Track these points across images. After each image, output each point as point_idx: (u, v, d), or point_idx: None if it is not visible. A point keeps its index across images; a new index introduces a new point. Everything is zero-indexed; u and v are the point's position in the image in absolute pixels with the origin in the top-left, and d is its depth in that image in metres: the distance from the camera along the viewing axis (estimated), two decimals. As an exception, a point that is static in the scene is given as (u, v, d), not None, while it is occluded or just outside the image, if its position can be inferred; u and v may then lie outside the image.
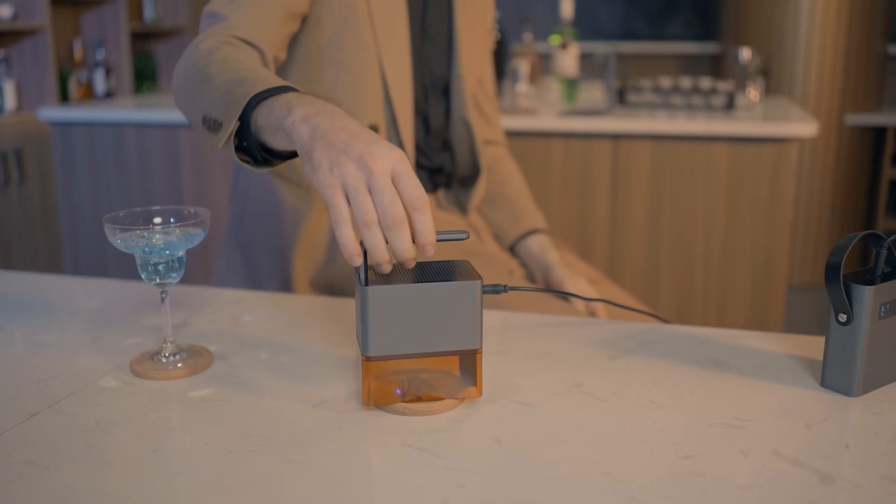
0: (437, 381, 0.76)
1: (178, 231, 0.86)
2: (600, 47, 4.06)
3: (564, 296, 1.23)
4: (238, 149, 0.89)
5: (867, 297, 0.78)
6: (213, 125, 0.88)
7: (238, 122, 0.85)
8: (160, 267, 0.86)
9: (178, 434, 0.73)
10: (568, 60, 2.33)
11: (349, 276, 1.23)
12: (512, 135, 2.10)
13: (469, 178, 1.35)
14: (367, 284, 0.71)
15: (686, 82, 2.21)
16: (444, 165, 1.32)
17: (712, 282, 2.03)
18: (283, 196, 1.25)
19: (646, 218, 2.05)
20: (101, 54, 3.99)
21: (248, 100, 0.84)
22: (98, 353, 0.92)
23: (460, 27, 1.28)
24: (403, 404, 0.76)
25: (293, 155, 0.87)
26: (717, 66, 4.15)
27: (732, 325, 2.09)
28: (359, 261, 0.71)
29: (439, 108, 1.30)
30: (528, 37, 2.38)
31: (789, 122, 1.95)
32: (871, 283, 0.79)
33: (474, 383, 0.76)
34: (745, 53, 2.21)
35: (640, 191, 2.04)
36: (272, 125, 0.81)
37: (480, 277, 0.75)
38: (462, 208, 1.35)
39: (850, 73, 3.46)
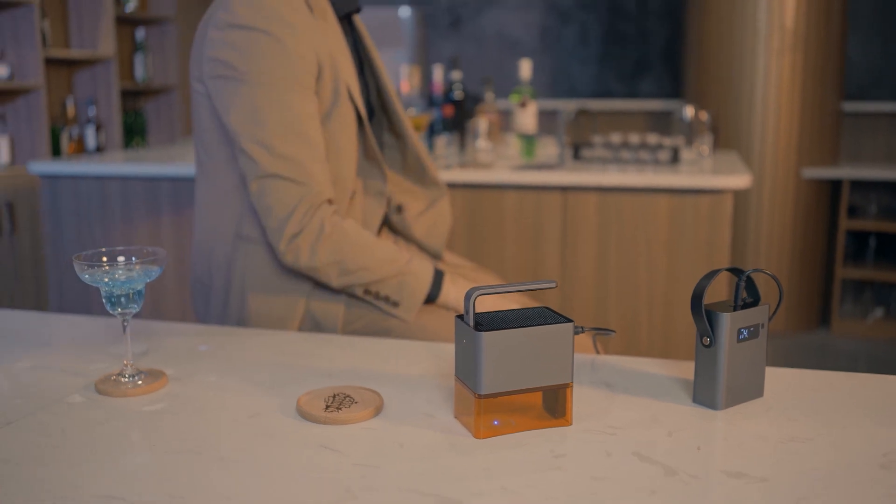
0: (527, 409, 0.88)
1: (137, 267, 1.00)
2: (571, 105, 4.25)
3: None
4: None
5: (725, 322, 0.92)
6: (383, 299, 1.36)
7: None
8: (122, 298, 0.99)
9: (131, 440, 0.86)
10: (526, 118, 2.50)
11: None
12: (469, 187, 2.25)
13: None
14: (479, 329, 0.83)
15: (634, 138, 2.38)
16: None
17: (656, 323, 2.17)
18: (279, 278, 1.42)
19: (594, 264, 2.20)
20: (92, 111, 4.16)
21: (425, 294, 1.36)
22: (67, 375, 1.04)
23: (386, 86, 1.56)
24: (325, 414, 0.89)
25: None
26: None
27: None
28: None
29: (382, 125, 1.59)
30: (489, 96, 2.55)
31: (724, 175, 2.10)
32: (730, 310, 0.92)
33: (564, 413, 0.88)
34: (689, 111, 2.37)
35: (588, 239, 2.19)
36: (421, 298, 1.36)
37: (571, 320, 0.88)
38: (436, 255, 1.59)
39: (806, 130, 3.65)
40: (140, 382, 0.99)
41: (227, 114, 1.31)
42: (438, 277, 1.39)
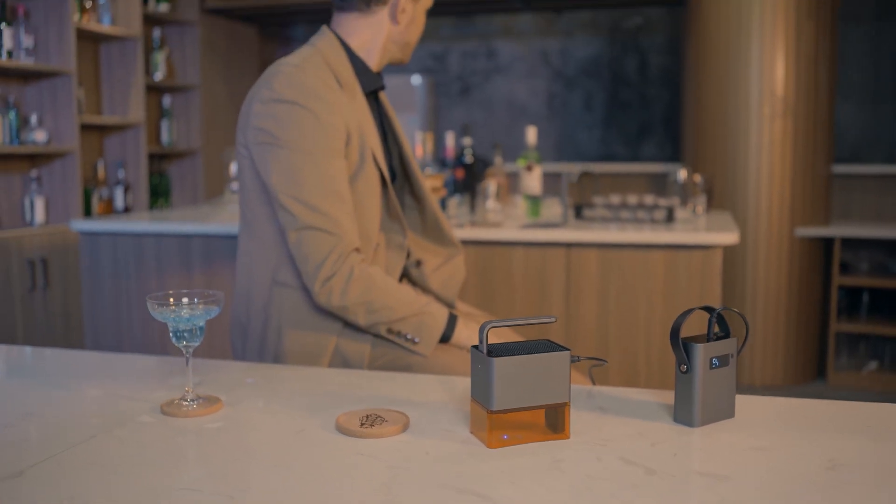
0: (531, 425, 1.04)
1: (200, 307, 1.17)
2: (575, 168, 4.47)
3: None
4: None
5: (699, 352, 1.08)
6: (404, 338, 1.54)
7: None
8: (186, 333, 1.16)
9: (197, 450, 1.02)
10: (532, 180, 2.70)
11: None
12: (480, 244, 2.44)
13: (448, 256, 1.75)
14: (491, 356, 1.01)
15: (633, 199, 2.56)
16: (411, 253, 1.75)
17: (654, 368, 2.32)
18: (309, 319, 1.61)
19: (595, 315, 2.36)
20: (121, 173, 4.39)
21: (441, 332, 1.55)
22: (134, 401, 1.21)
23: (407, 149, 1.77)
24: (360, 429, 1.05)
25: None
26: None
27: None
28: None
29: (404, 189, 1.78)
30: (498, 161, 2.75)
31: (714, 232, 2.29)
32: (703, 342, 1.09)
33: (563, 429, 1.04)
34: (682, 174, 2.56)
35: (590, 291, 2.36)
36: (437, 336, 1.55)
37: (569, 349, 1.05)
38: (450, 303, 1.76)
39: (798, 191, 3.84)
40: (199, 406, 1.16)
41: (269, 175, 1.50)
42: (453, 319, 1.57)
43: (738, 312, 1.12)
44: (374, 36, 1.64)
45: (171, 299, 1.18)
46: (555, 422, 1.05)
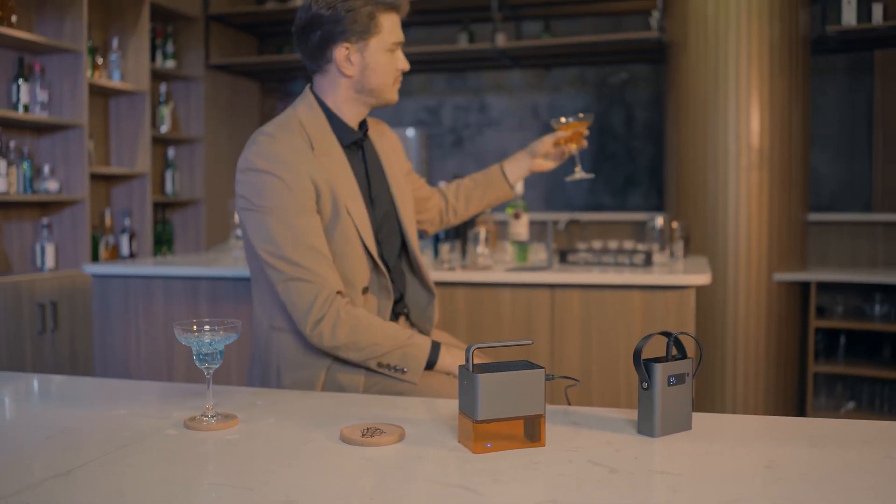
0: (511, 436, 1.19)
1: (220, 332, 1.33)
2: (564, 217, 4.65)
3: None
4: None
5: (658, 371, 1.24)
6: (393, 369, 1.70)
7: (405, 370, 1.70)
8: (207, 356, 1.32)
9: (220, 456, 1.17)
10: (519, 228, 2.87)
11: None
12: (470, 285, 2.60)
13: (424, 304, 1.87)
14: (475, 373, 1.16)
15: (613, 244, 2.74)
16: (403, 293, 1.85)
17: (633, 402, 2.47)
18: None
19: (578, 351, 2.52)
20: (126, 222, 4.57)
21: (425, 361, 1.70)
22: (158, 419, 1.36)
23: (397, 198, 1.88)
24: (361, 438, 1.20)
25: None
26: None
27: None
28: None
29: (393, 242, 1.89)
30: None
31: (687, 274, 2.46)
32: (662, 362, 1.25)
33: (539, 438, 1.19)
34: (659, 222, 2.74)
35: (573, 329, 2.52)
36: (423, 364, 1.70)
37: (543, 368, 1.20)
38: (425, 331, 1.87)
39: (774, 239, 4.03)
40: (218, 421, 1.31)
41: (252, 237, 1.68)
42: (436, 347, 1.72)
43: (693, 336, 1.28)
44: (337, 92, 1.78)
45: (195, 326, 1.34)
46: (532, 432, 1.20)
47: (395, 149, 1.96)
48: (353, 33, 1.72)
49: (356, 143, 1.84)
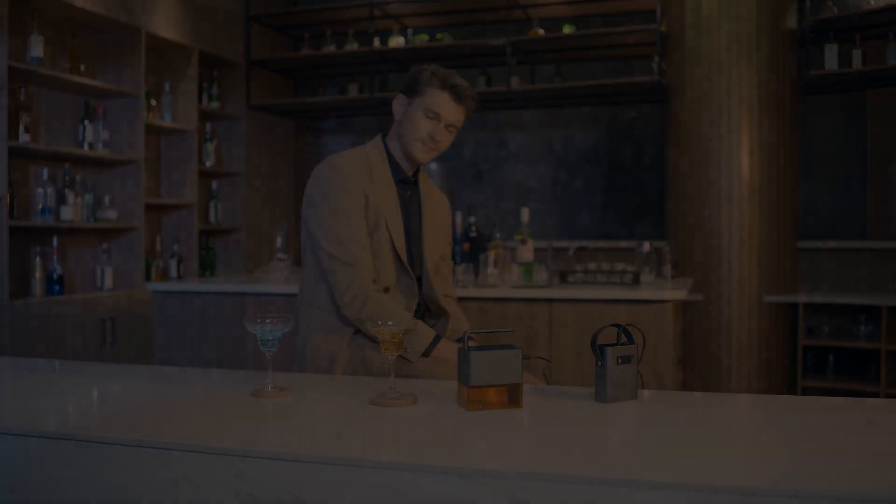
0: (497, 400, 1.59)
1: (278, 323, 1.75)
2: (573, 245, 5.04)
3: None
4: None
5: (609, 353, 1.64)
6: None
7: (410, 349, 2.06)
8: (269, 342, 1.74)
9: (281, 417, 1.59)
10: (525, 252, 3.28)
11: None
12: (481, 300, 3.01)
13: (439, 315, 2.27)
14: (470, 350, 1.57)
15: (605, 266, 3.13)
16: (421, 303, 2.26)
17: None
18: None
19: (573, 357, 2.90)
20: (175, 248, 5.04)
21: (425, 346, 2.06)
22: (229, 391, 1.78)
23: (425, 234, 2.28)
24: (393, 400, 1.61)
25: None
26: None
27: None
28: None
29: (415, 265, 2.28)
30: (497, 235, 3.34)
31: (667, 290, 2.84)
32: (611, 346, 1.65)
33: (518, 401, 1.58)
34: (647, 246, 3.13)
35: (568, 338, 2.91)
36: (422, 349, 2.07)
37: (520, 349, 1.59)
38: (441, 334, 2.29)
39: (764, 265, 4.40)
40: (277, 392, 1.72)
41: (313, 227, 2.11)
42: (436, 339, 2.12)
43: (638, 328, 1.68)
44: (392, 135, 2.23)
45: (258, 318, 1.76)
46: (513, 396, 1.60)
47: (441, 210, 2.34)
48: (410, 90, 2.17)
49: (405, 182, 2.25)
